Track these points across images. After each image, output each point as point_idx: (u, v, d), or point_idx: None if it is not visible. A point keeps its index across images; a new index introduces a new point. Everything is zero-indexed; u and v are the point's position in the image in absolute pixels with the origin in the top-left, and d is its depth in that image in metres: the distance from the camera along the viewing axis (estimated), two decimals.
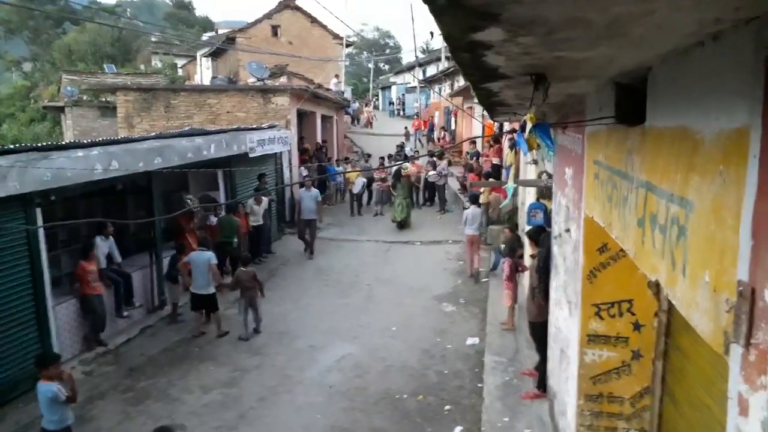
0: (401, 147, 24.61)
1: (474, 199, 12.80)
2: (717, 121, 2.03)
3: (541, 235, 7.40)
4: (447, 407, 7.34)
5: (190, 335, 9.63)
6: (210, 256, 9.57)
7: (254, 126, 15.64)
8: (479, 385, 7.78)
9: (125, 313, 9.61)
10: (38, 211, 7.83)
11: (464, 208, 14.04)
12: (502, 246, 11.01)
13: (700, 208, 2.16)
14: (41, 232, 7.84)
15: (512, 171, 10.37)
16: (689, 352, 3.57)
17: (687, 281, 2.26)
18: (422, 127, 32.56)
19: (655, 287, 3.93)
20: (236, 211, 12.58)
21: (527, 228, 9.72)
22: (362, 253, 14.55)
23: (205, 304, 9.64)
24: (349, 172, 19.19)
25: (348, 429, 6.90)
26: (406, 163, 17.20)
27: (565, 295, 5.45)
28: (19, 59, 50.02)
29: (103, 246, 9.57)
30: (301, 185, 14.99)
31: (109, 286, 9.35)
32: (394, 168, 17.81)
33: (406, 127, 33.97)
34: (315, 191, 14.60)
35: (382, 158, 21.56)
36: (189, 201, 12.13)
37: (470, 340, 9.23)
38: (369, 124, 39.80)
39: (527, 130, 3.53)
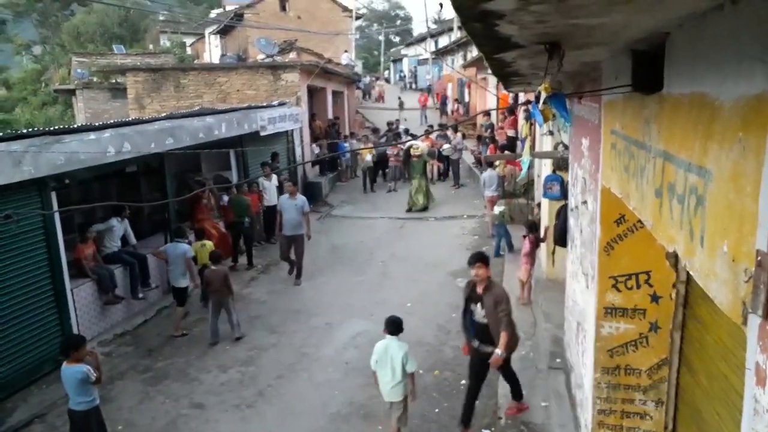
0: (393, 125, 23.24)
1: (490, 163, 13.36)
2: (736, 87, 1.96)
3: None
4: (463, 382, 7.36)
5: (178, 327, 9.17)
6: (185, 249, 9.12)
7: (264, 104, 15.58)
8: None
9: (141, 295, 9.69)
10: (53, 195, 7.90)
11: (482, 173, 14.15)
12: (501, 217, 11.15)
13: (718, 177, 2.10)
14: (57, 216, 7.92)
15: (527, 143, 10.22)
16: (707, 322, 3.53)
17: (705, 252, 2.22)
18: (436, 100, 32.12)
19: (673, 258, 3.88)
20: (250, 190, 12.59)
21: (543, 201, 9.66)
22: (376, 230, 14.54)
23: (175, 296, 9.28)
24: (362, 149, 18.97)
25: (365, 405, 6.96)
26: (417, 142, 16.11)
27: (582, 267, 5.40)
28: (29, 42, 50.01)
29: (119, 228, 9.67)
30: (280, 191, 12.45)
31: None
32: (406, 146, 17.02)
33: (399, 97, 33.36)
34: (301, 198, 11.31)
35: (396, 134, 21.32)
36: (195, 182, 12.18)
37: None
38: (381, 98, 39.50)
39: (542, 101, 3.44)
